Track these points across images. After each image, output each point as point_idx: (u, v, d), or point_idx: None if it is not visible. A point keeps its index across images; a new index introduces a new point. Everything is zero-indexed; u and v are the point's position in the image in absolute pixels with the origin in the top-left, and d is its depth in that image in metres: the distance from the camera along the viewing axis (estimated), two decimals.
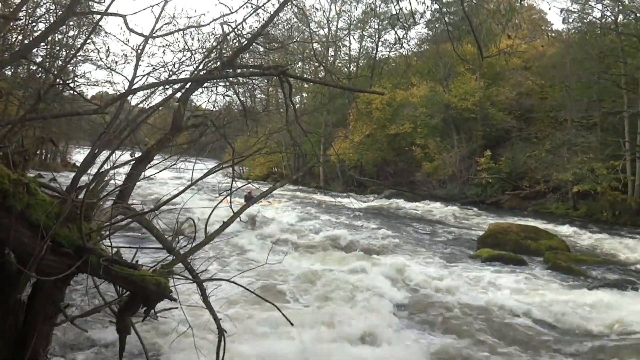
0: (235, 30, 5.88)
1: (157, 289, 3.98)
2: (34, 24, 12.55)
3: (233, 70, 5.74)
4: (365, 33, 45.08)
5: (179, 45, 6.47)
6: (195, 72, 5.78)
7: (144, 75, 5.74)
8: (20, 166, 3.93)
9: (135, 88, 5.28)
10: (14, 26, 10.78)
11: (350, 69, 44.55)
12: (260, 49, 7.52)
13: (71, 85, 15.21)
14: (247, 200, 11.55)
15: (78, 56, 17.37)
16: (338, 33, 44.60)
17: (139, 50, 5.73)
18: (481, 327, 7.58)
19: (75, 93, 13.71)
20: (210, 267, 5.38)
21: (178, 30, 6.15)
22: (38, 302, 3.95)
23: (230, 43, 6.16)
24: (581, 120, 26.87)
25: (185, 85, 5.46)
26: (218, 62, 5.61)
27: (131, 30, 5.21)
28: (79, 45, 13.85)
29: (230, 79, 6.56)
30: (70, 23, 13.06)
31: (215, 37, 6.40)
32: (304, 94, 43.98)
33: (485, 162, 30.48)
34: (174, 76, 5.97)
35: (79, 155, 38.07)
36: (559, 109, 28.43)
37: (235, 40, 6.08)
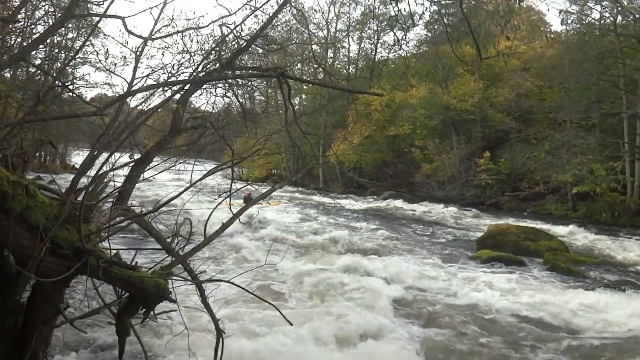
0: (234, 32, 5.88)
1: (157, 291, 3.98)
2: (33, 26, 12.55)
3: (232, 71, 5.75)
4: (364, 34, 45.19)
5: (178, 47, 6.49)
6: (194, 74, 5.78)
7: (143, 77, 5.76)
8: (19, 168, 3.95)
9: (134, 90, 5.29)
10: (13, 28, 10.78)
11: (350, 70, 44.58)
12: (259, 50, 7.54)
13: (70, 87, 15.24)
14: (247, 201, 11.55)
15: (77, 58, 17.39)
16: (337, 34, 44.69)
17: (138, 52, 5.74)
18: (479, 327, 7.58)
19: (74, 95, 13.76)
20: (209, 268, 5.38)
21: (177, 32, 6.17)
22: (37, 304, 3.95)
23: (229, 45, 6.16)
24: (580, 122, 26.88)
25: (184, 87, 5.46)
26: (217, 64, 5.62)
27: (130, 32, 5.24)
28: (77, 48, 13.84)
29: (229, 80, 6.58)
30: (69, 25, 13.03)
31: (214, 39, 6.40)
32: (303, 96, 44.00)
33: (484, 164, 30.48)
34: (173, 78, 5.97)
35: (78, 157, 38.10)
36: (558, 110, 28.44)
37: (234, 42, 6.08)
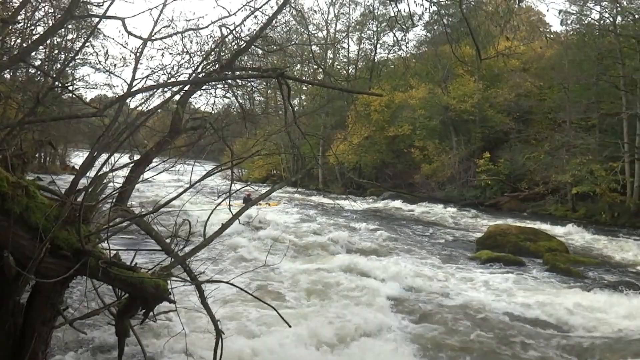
0: (234, 32, 5.88)
1: (156, 291, 3.99)
2: (33, 27, 12.54)
3: (232, 72, 5.76)
4: (363, 35, 45.26)
5: (177, 48, 6.48)
6: (194, 75, 5.78)
7: (143, 78, 5.75)
8: (19, 169, 3.95)
9: (134, 91, 5.29)
10: (13, 29, 10.78)
11: (349, 71, 44.63)
12: (259, 51, 7.54)
13: (70, 88, 15.26)
14: (246, 202, 11.55)
15: (77, 59, 17.45)
16: (336, 35, 44.72)
17: (138, 53, 5.74)
18: (477, 327, 7.55)
19: (74, 96, 13.80)
20: (208, 269, 5.39)
21: (177, 33, 6.16)
22: (37, 305, 3.95)
23: (229, 46, 6.16)
24: (580, 122, 26.91)
25: (184, 88, 5.46)
26: (217, 65, 5.62)
27: (130, 33, 5.23)
28: (77, 48, 13.86)
29: (229, 81, 6.59)
30: (69, 26, 13.06)
31: (213, 40, 6.39)
32: (303, 96, 44.07)
33: (484, 164, 30.50)
34: (172, 79, 5.97)
35: (77, 158, 38.13)
36: (557, 111, 28.48)
37: (233, 43, 6.08)
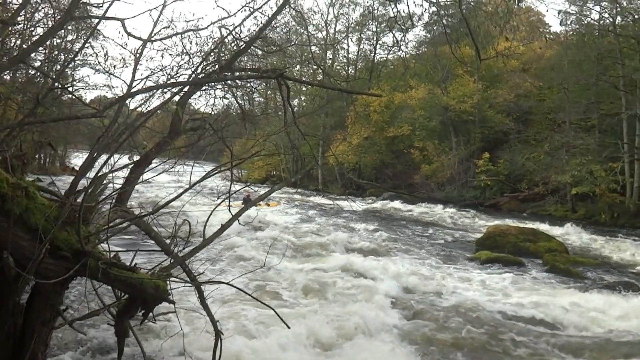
0: (233, 33, 5.88)
1: (156, 292, 3.99)
2: (33, 28, 12.54)
3: (231, 73, 5.76)
4: (363, 36, 45.28)
5: (177, 49, 6.47)
6: (194, 76, 5.78)
7: (143, 79, 5.73)
8: (18, 170, 3.96)
9: (134, 92, 5.28)
10: (13, 31, 10.79)
11: (349, 71, 44.65)
12: (259, 52, 7.55)
13: (70, 89, 15.28)
14: (246, 202, 11.56)
15: (76, 60, 17.47)
16: (336, 36, 44.75)
17: (137, 54, 5.73)
18: (475, 327, 7.55)
19: (74, 97, 13.78)
20: (208, 269, 5.39)
21: (176, 34, 6.16)
22: (37, 306, 3.95)
23: (229, 46, 6.16)
24: (579, 122, 26.93)
25: (184, 89, 5.47)
26: (216, 66, 5.62)
27: (129, 34, 5.23)
28: (77, 50, 13.86)
29: (229, 82, 6.59)
30: (69, 27, 13.06)
31: (213, 41, 6.39)
32: (303, 97, 44.09)
33: (483, 165, 30.52)
34: (172, 80, 5.96)
35: (77, 159, 38.15)
36: (557, 111, 28.50)
37: (233, 44, 6.07)
